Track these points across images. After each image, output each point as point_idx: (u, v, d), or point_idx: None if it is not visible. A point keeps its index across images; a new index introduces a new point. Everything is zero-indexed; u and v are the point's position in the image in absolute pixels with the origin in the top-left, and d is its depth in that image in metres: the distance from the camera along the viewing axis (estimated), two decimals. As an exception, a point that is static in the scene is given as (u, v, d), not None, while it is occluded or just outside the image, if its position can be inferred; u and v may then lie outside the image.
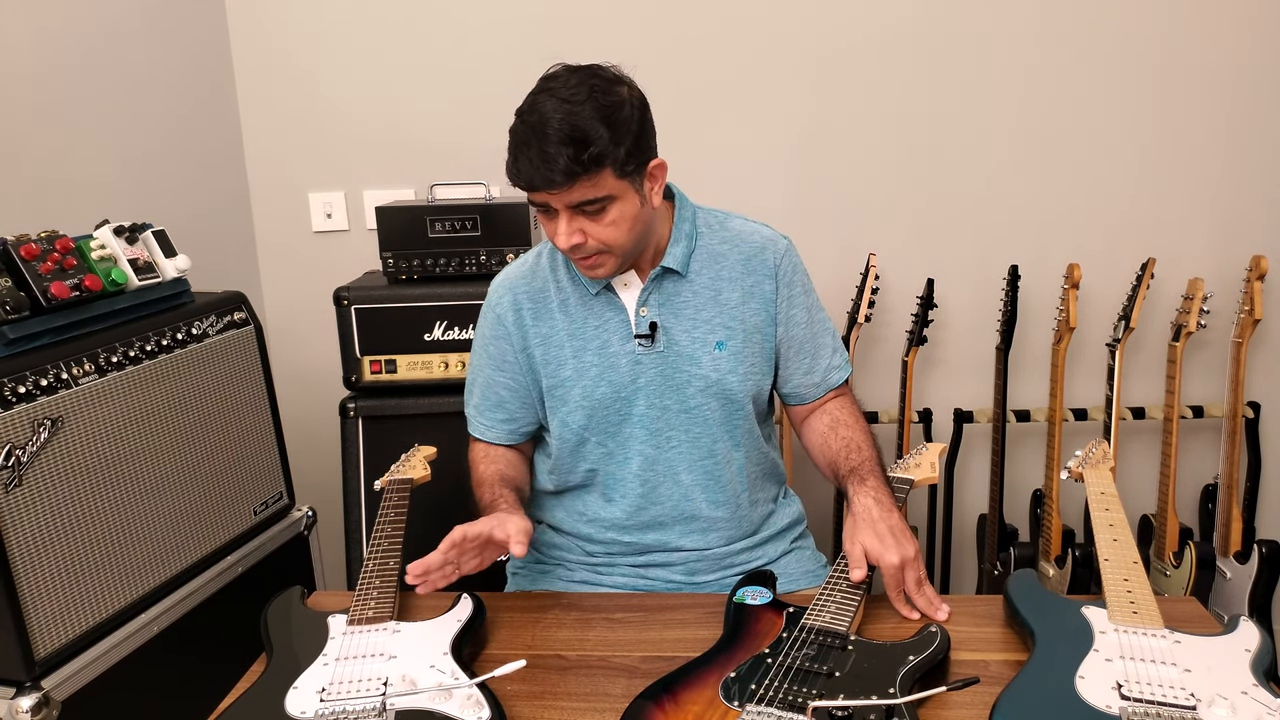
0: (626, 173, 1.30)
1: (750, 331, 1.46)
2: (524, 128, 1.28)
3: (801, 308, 1.50)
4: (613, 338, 1.44)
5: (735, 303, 1.45)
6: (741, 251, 1.47)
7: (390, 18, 2.30)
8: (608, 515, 1.51)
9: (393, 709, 1.07)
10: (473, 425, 1.56)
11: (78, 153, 1.96)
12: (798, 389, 1.53)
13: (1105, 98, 2.27)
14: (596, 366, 1.44)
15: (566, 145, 1.25)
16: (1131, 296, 2.20)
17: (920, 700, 1.06)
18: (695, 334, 1.44)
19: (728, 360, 1.45)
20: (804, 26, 2.27)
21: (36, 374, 1.41)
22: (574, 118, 1.26)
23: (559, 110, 1.26)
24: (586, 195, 1.28)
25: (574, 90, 1.27)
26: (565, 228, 1.31)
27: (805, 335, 1.50)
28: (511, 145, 1.30)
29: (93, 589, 1.50)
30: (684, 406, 1.45)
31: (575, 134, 1.25)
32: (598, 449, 1.48)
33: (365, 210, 2.39)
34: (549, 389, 1.47)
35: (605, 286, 1.43)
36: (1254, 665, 1.07)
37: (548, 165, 1.25)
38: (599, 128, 1.26)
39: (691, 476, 1.48)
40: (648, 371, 1.44)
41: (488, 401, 1.53)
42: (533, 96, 1.31)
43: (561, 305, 1.45)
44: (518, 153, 1.29)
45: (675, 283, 1.44)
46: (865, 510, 1.34)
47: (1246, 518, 2.31)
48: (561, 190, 1.27)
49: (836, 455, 1.47)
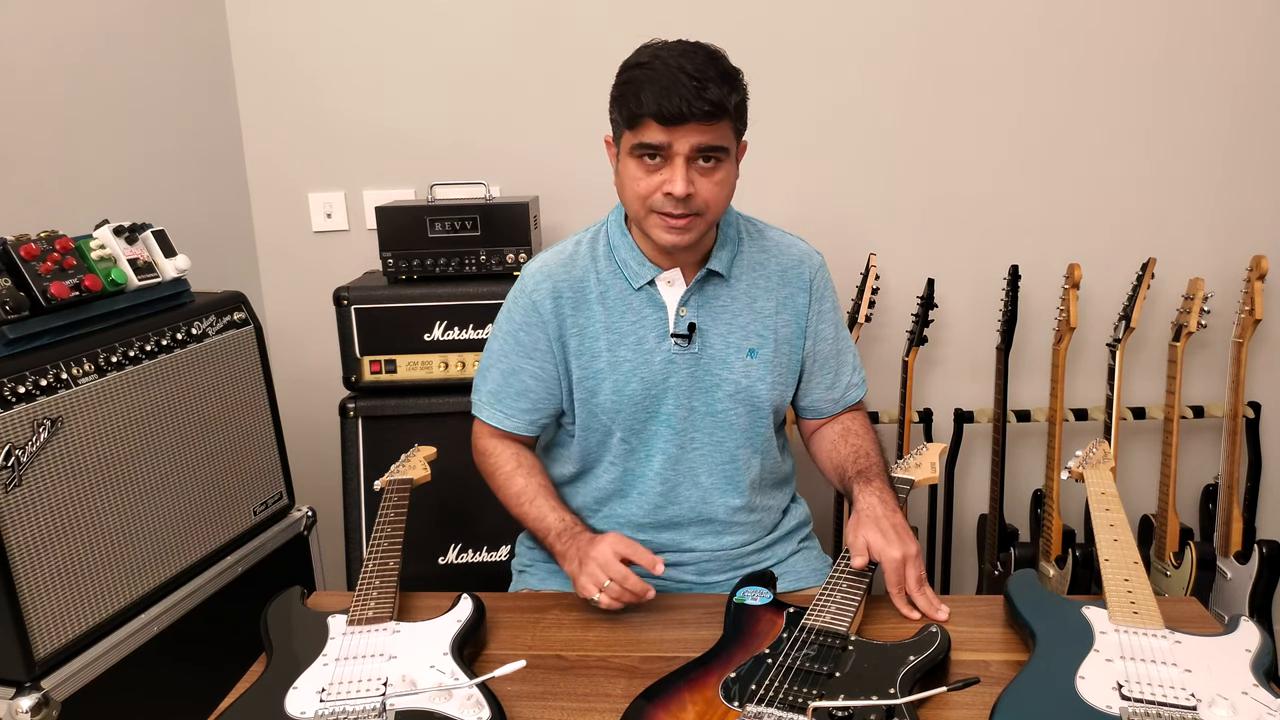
0: (738, 133, 1.32)
1: (781, 342, 1.47)
2: (660, 68, 1.26)
3: (830, 324, 1.51)
4: (649, 335, 1.43)
5: (769, 312, 1.46)
6: (779, 263, 1.48)
7: (390, 18, 2.30)
8: (624, 512, 1.50)
9: (393, 709, 1.07)
10: (485, 412, 1.52)
11: (78, 153, 1.96)
12: (816, 403, 1.54)
13: (1106, 98, 2.27)
14: (630, 362, 1.43)
15: (719, 81, 1.25)
16: (1132, 296, 2.20)
17: (920, 700, 1.06)
18: (730, 339, 1.44)
19: (759, 368, 1.45)
20: (804, 28, 2.27)
21: (36, 374, 1.41)
22: (719, 64, 1.28)
23: (699, 55, 1.27)
24: (715, 140, 1.28)
25: (698, 47, 1.29)
26: (684, 173, 1.28)
27: (831, 351, 1.51)
28: (637, 83, 1.27)
29: (92, 589, 1.50)
30: (711, 410, 1.45)
31: (726, 71, 1.27)
32: (621, 445, 1.47)
33: (365, 210, 2.39)
34: (579, 381, 1.46)
35: (649, 283, 1.43)
36: (1254, 665, 1.07)
37: (701, 96, 1.23)
38: (738, 79, 1.30)
39: (711, 479, 1.48)
40: (680, 371, 1.43)
41: (509, 389, 1.49)
42: (648, 52, 1.30)
43: (601, 297, 1.44)
44: (656, 86, 1.24)
45: (716, 286, 1.44)
46: (869, 507, 1.35)
47: (1247, 518, 2.31)
48: (702, 124, 1.25)
49: (844, 460, 1.48)
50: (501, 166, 2.33)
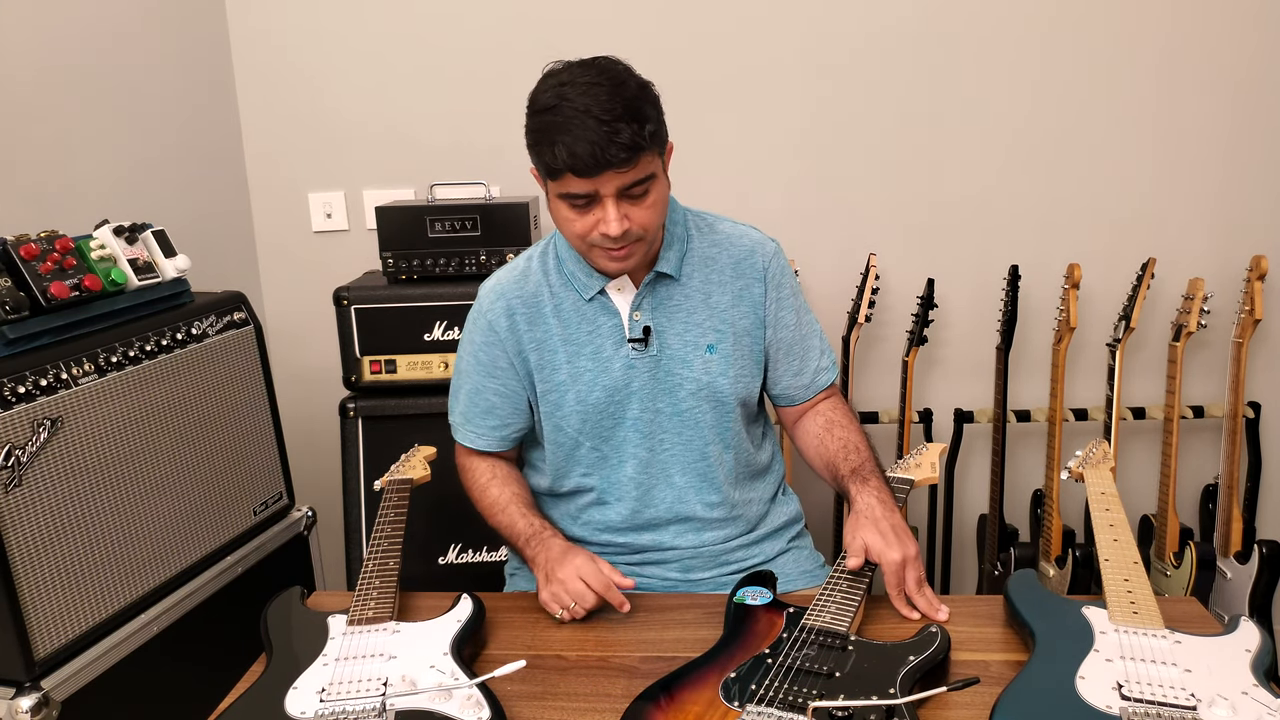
0: (660, 151, 1.31)
1: (740, 334, 1.46)
2: (569, 112, 1.23)
3: (790, 310, 1.50)
4: (606, 342, 1.44)
5: (725, 306, 1.45)
6: (731, 255, 1.47)
7: (390, 18, 2.30)
8: (603, 519, 1.51)
9: (393, 709, 1.07)
10: (459, 433, 1.55)
11: (78, 153, 1.96)
12: (786, 390, 1.54)
13: (1106, 98, 2.27)
14: (590, 371, 1.44)
15: (628, 122, 1.23)
16: (1132, 296, 2.20)
17: (920, 700, 1.06)
18: (687, 337, 1.44)
19: (718, 363, 1.45)
20: (804, 27, 2.27)
21: (36, 374, 1.41)
22: (624, 96, 1.24)
23: (603, 93, 1.23)
24: (638, 175, 1.27)
25: (601, 75, 1.26)
26: (616, 213, 1.28)
27: (794, 337, 1.51)
28: (549, 133, 1.25)
29: (92, 589, 1.50)
30: (676, 409, 1.45)
31: (632, 110, 1.24)
32: (592, 453, 1.48)
33: (365, 210, 2.39)
34: (543, 394, 1.47)
35: (599, 291, 1.43)
36: (1254, 665, 1.07)
37: (613, 143, 1.22)
38: (645, 105, 1.26)
39: (685, 478, 1.48)
40: (640, 375, 1.44)
41: (476, 408, 1.51)
42: (553, 89, 1.26)
43: (555, 311, 1.45)
44: (567, 137, 1.23)
45: (668, 286, 1.44)
46: (869, 508, 1.35)
47: (1247, 518, 2.31)
48: (624, 169, 1.24)
49: (835, 456, 1.47)
50: (501, 166, 2.33)
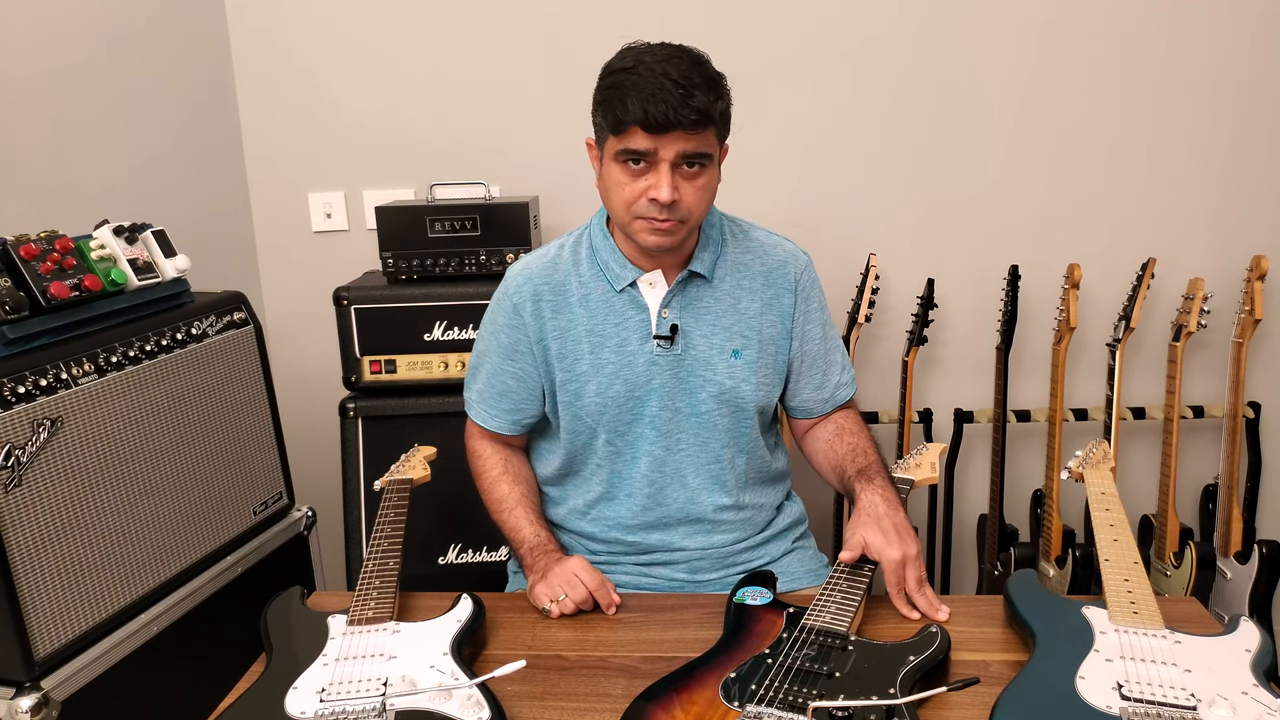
0: (721, 138, 1.32)
1: (766, 343, 1.47)
2: (646, 74, 1.24)
3: (817, 324, 1.51)
4: (632, 336, 1.44)
5: (754, 313, 1.46)
6: (764, 264, 1.48)
7: (390, 18, 2.30)
8: (613, 515, 1.51)
9: (393, 709, 1.07)
10: (473, 410, 1.56)
11: (78, 153, 1.96)
12: (805, 403, 1.54)
13: (1106, 98, 2.27)
14: (613, 364, 1.44)
15: (704, 88, 1.25)
16: (1132, 296, 2.20)
17: (921, 700, 1.06)
18: (714, 340, 1.44)
19: (742, 369, 1.45)
20: (805, 28, 2.27)
21: (36, 374, 1.41)
22: (703, 71, 1.27)
23: (683, 62, 1.26)
24: (700, 147, 1.28)
25: (682, 52, 1.28)
26: (669, 180, 1.28)
27: (819, 351, 1.51)
28: (623, 89, 1.26)
29: (92, 589, 1.49)
30: (694, 410, 1.46)
31: (709, 82, 1.26)
32: (606, 447, 1.48)
33: (365, 210, 2.39)
34: (562, 383, 1.46)
35: (630, 284, 1.43)
36: (1254, 665, 1.07)
37: (687, 104, 1.23)
38: (722, 84, 1.29)
39: (698, 479, 1.48)
40: (663, 373, 1.44)
41: (493, 389, 1.52)
42: (632, 56, 1.28)
43: (582, 300, 1.45)
44: (641, 93, 1.24)
45: (699, 287, 1.44)
46: (871, 506, 1.35)
47: (1247, 518, 2.31)
48: (688, 131, 1.25)
49: (843, 459, 1.48)
50: (501, 166, 2.33)
